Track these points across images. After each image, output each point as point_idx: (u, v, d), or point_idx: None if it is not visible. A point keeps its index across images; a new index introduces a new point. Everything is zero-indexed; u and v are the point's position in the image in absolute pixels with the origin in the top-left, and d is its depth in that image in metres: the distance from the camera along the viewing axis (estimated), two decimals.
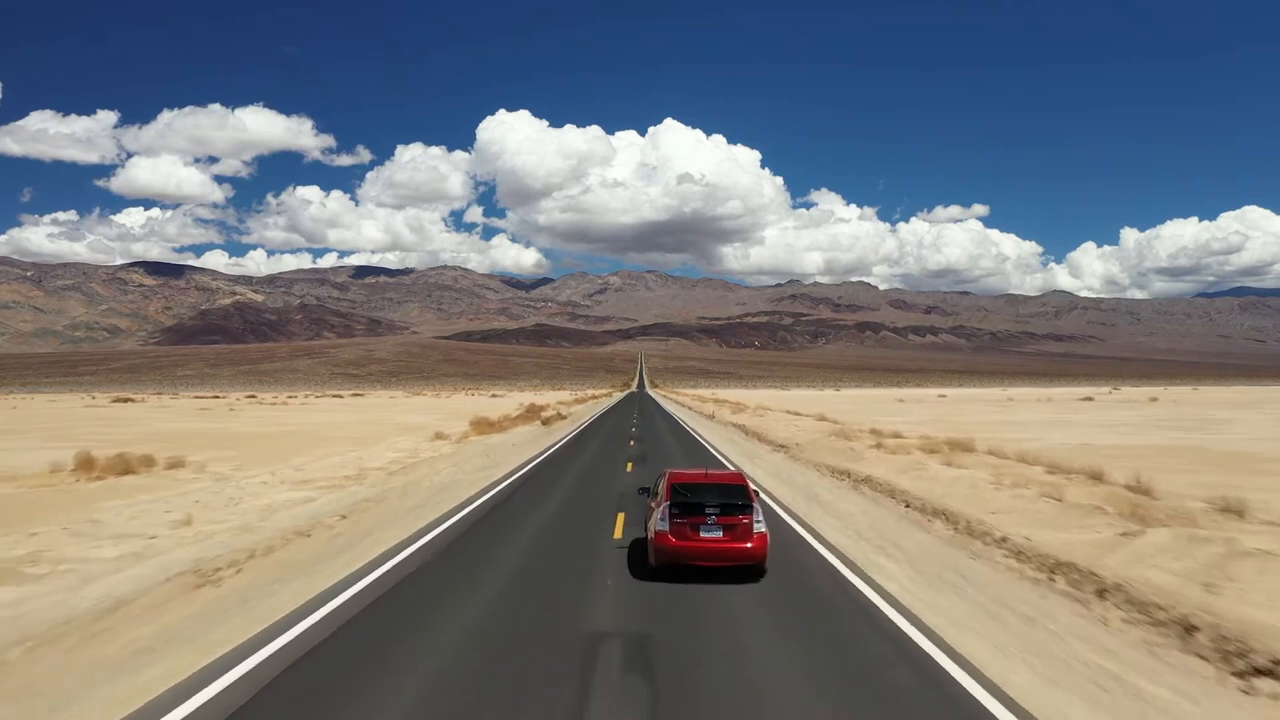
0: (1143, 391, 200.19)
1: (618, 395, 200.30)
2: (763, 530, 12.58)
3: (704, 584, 12.08)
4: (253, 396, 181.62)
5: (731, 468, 27.55)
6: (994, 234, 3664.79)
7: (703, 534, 12.34)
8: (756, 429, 46.90)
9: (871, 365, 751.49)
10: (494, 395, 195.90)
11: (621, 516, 17.95)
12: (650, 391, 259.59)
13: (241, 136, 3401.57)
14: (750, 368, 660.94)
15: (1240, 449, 37.65)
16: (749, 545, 12.33)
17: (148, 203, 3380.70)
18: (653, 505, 13.55)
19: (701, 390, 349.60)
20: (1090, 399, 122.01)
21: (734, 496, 12.79)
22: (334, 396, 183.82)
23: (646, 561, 12.90)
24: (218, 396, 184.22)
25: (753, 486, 13.62)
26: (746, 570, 12.44)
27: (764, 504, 13.92)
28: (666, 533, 12.40)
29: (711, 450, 36.15)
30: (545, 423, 55.57)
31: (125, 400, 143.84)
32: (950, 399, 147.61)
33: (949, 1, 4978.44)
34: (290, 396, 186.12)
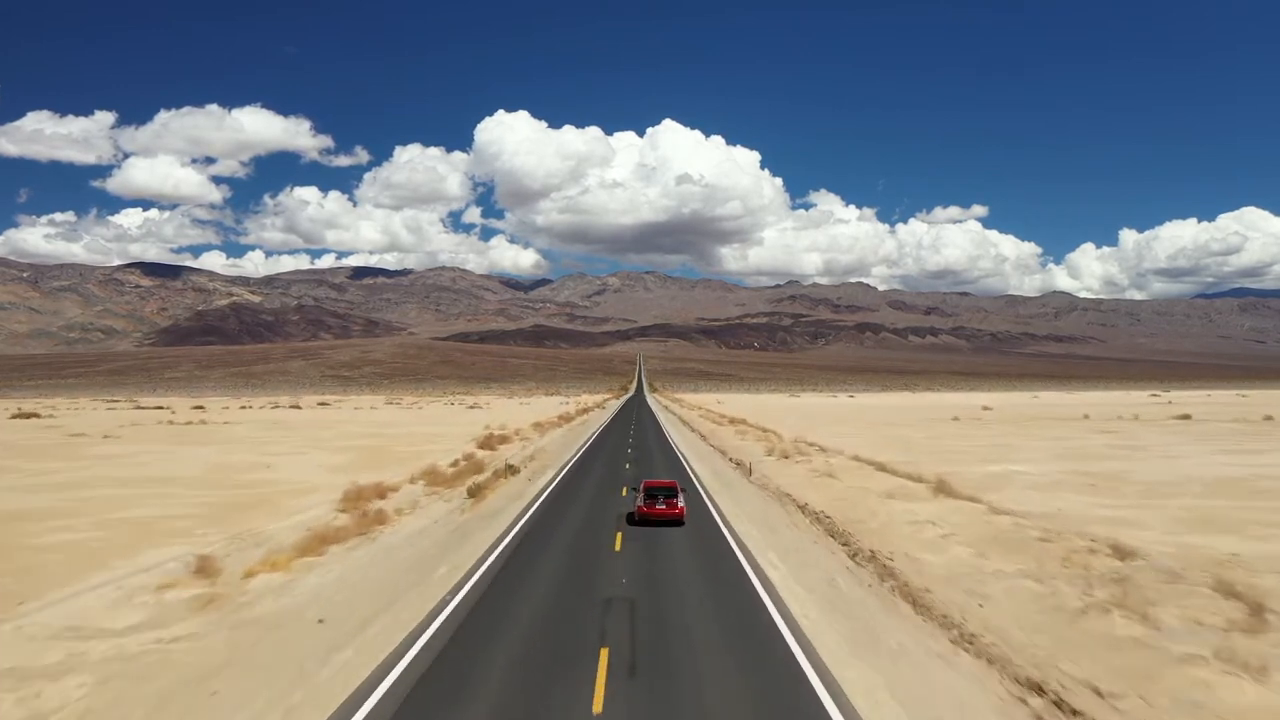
0: (1224, 400, 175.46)
1: (613, 405, 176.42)
2: (682, 505, 27.12)
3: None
4: (199, 408, 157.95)
5: None
6: (993, 235, 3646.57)
7: (656, 506, 26.81)
8: (865, 533, 24.20)
9: (873, 367, 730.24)
10: (472, 406, 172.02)
11: None
12: (650, 399, 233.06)
13: (239, 137, 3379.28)
14: (751, 369, 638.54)
15: None
16: (676, 511, 26.71)
17: (145, 203, 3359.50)
18: (637, 494, 28.39)
19: (703, 395, 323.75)
20: (1188, 416, 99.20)
21: (670, 491, 27.61)
22: (291, 408, 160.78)
23: (633, 518, 27.27)
24: (160, 407, 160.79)
25: (680, 485, 29.32)
26: (675, 522, 26.70)
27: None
28: (641, 505, 26.98)
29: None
30: (474, 494, 32.58)
31: (30, 415, 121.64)
32: (1009, 412, 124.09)
33: (948, 2, 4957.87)
34: (244, 407, 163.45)
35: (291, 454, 55.06)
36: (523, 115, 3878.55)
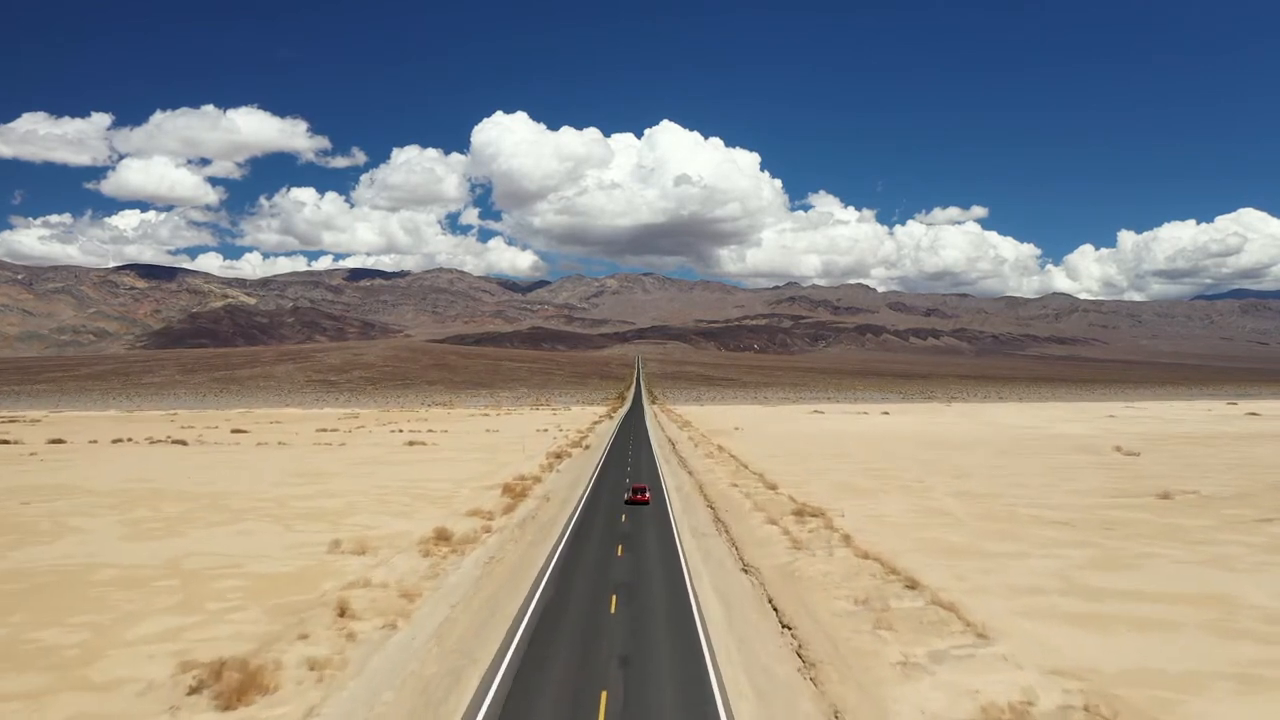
0: None
1: (603, 436, 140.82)
2: (649, 494, 60.83)
3: (638, 507, 56.97)
4: (57, 441, 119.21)
5: None
6: (992, 236, 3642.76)
7: (637, 496, 59.74)
8: None
9: (877, 370, 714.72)
10: (411, 443, 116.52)
11: None
12: (651, 423, 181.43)
13: (235, 138, 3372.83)
14: (753, 373, 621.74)
15: None
16: (647, 498, 59.90)
17: (142, 205, 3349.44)
18: (628, 486, 65.07)
19: (709, 407, 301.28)
20: None
21: (644, 489, 60.99)
22: (175, 442, 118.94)
23: (625, 501, 59.74)
24: (4, 441, 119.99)
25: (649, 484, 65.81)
26: (646, 504, 58.85)
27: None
28: (632, 495, 60.10)
29: None
30: None
31: None
32: (1168, 463, 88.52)
33: (949, 3, 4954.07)
34: (117, 440, 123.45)
35: None
36: (521, 116, 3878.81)
